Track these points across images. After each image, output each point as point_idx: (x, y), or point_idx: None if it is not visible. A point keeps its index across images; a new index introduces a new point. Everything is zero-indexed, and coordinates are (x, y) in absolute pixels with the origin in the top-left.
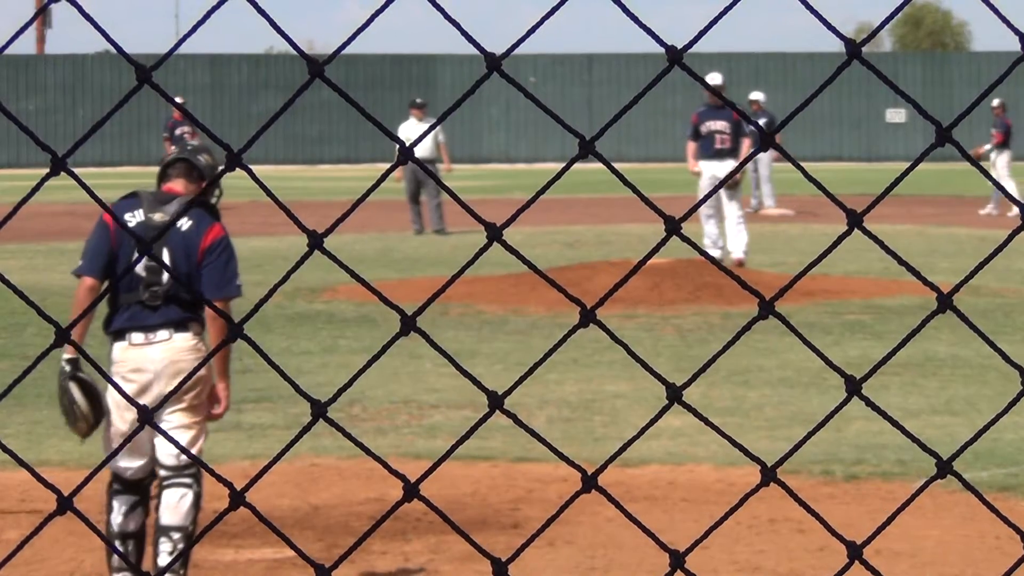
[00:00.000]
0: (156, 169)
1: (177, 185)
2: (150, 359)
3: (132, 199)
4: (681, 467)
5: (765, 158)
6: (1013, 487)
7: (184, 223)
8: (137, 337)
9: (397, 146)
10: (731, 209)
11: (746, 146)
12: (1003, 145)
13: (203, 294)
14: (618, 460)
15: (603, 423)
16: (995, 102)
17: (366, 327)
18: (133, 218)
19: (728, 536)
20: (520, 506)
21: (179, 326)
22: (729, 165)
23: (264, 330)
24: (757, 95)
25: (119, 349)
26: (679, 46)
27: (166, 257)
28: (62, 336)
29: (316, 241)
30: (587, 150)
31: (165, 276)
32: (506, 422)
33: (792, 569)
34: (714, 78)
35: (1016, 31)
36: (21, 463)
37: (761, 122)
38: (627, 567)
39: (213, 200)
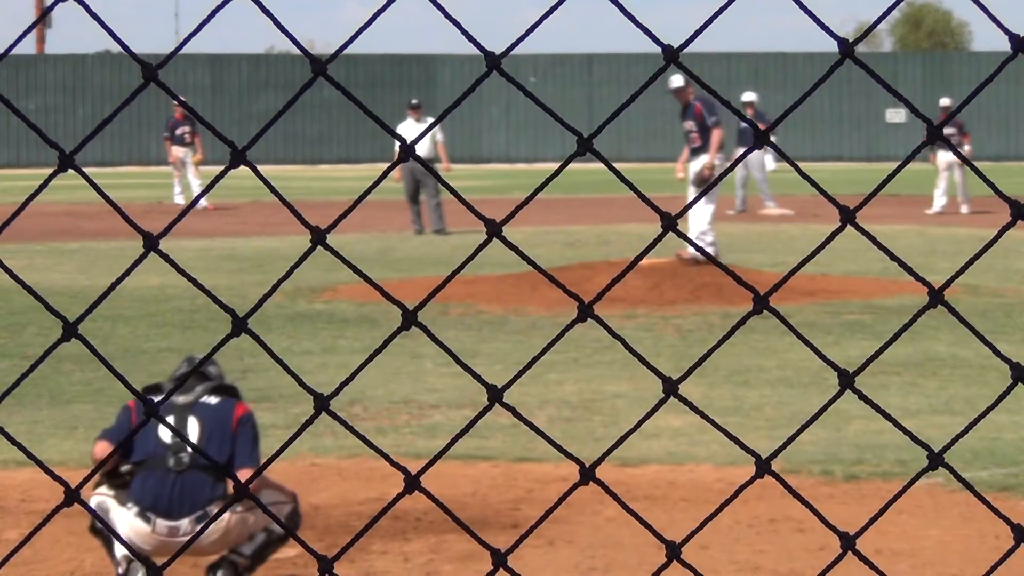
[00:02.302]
0: (156, 169)
1: (195, 382)
2: (171, 549)
3: (154, 391)
4: (681, 467)
5: (755, 159)
6: (1013, 487)
7: (212, 400)
8: (161, 527)
9: (397, 145)
10: (696, 207)
11: (714, 138)
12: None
13: (235, 462)
14: (618, 460)
15: (603, 423)
16: (944, 102)
17: (366, 327)
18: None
19: (728, 536)
20: (520, 506)
21: (204, 515)
22: (701, 162)
23: (265, 330)
24: (750, 96)
25: (138, 525)
26: (676, 45)
27: (195, 426)
28: (69, 331)
29: (319, 237)
30: (585, 148)
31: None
32: (506, 422)
33: (792, 569)
34: (675, 80)
35: (1007, 31)
36: (30, 456)
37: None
38: (627, 567)
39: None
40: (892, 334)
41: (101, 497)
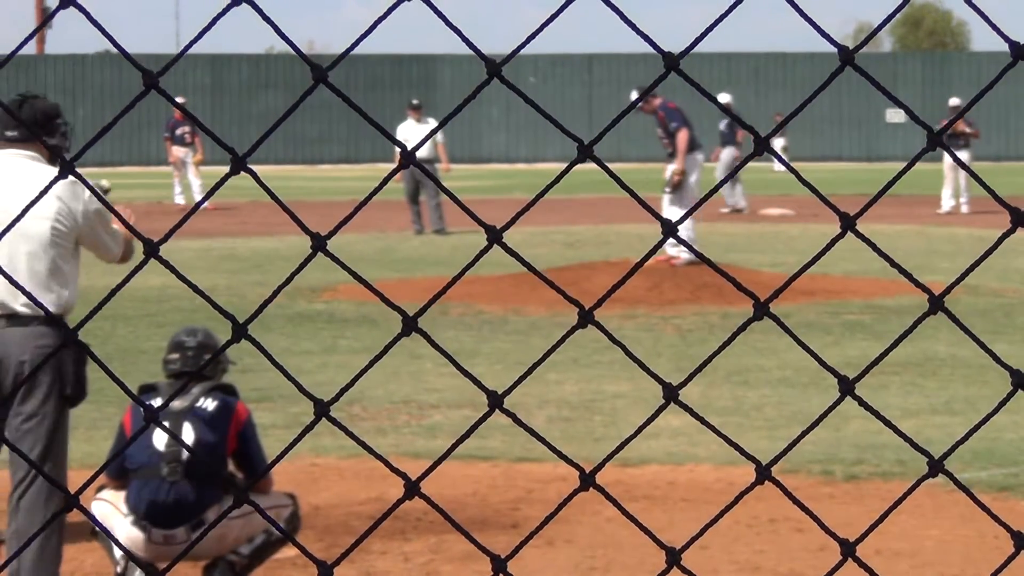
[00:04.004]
0: (156, 169)
1: (192, 382)
2: (168, 556)
3: (150, 392)
4: (681, 467)
5: (727, 159)
6: (1013, 487)
7: (209, 404)
8: (157, 536)
9: (397, 149)
10: (669, 212)
11: (678, 142)
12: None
13: (246, 472)
14: (618, 460)
15: (603, 423)
16: (954, 101)
17: (366, 327)
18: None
19: (728, 536)
20: (520, 506)
21: (200, 523)
22: (670, 167)
23: (264, 330)
24: (725, 97)
25: (134, 533)
26: (678, 46)
27: (189, 431)
28: (66, 337)
29: (319, 243)
30: (585, 155)
31: (185, 451)
32: (506, 421)
33: (792, 569)
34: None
35: (1006, 39)
36: (27, 459)
37: (725, 124)
38: (627, 567)
39: (222, 375)
40: (892, 334)
41: (101, 502)
